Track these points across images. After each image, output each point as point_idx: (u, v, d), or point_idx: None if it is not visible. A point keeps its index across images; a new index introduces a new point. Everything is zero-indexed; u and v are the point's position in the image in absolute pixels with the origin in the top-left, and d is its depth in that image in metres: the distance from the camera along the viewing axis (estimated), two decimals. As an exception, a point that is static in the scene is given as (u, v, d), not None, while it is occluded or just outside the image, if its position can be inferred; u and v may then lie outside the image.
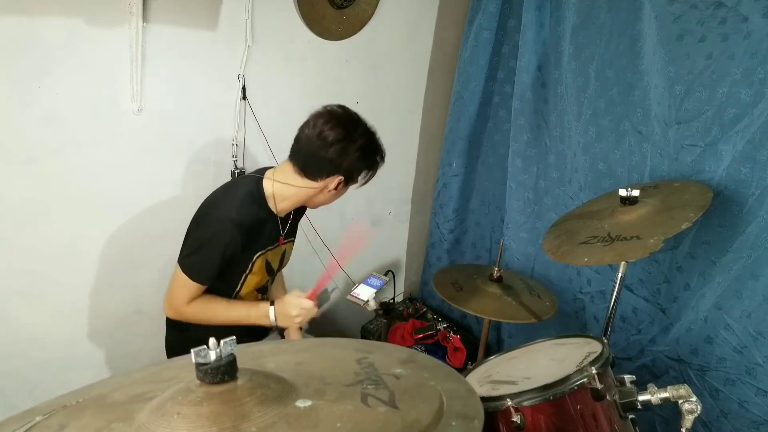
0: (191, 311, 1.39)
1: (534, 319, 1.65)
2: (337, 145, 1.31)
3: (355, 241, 1.77)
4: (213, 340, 0.61)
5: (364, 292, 1.75)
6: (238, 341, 0.64)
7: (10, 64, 1.41)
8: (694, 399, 0.98)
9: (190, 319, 1.41)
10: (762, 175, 1.40)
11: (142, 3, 1.52)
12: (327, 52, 2.04)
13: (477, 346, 2.04)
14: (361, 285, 1.86)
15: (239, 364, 0.63)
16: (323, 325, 2.19)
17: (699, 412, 0.98)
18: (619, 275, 1.34)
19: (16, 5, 1.38)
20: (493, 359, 1.33)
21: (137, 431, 0.57)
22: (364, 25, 2.09)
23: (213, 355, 0.60)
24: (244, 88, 1.84)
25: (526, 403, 1.00)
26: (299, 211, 1.57)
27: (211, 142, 1.84)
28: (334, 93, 2.13)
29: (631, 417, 1.06)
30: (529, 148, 2.14)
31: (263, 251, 1.45)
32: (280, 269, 1.62)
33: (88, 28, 1.49)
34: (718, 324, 1.51)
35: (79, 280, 1.71)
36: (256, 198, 1.38)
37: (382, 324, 2.32)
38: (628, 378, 1.10)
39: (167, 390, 0.62)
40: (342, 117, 1.35)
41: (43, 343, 1.69)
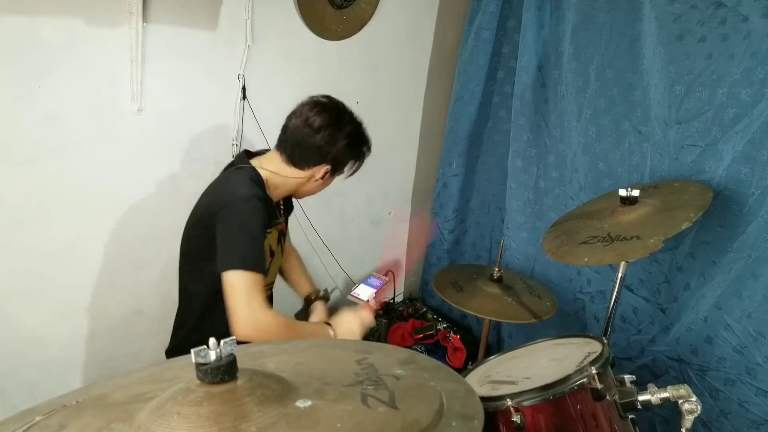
0: (273, 319, 1.20)
1: (534, 319, 1.65)
2: (325, 131, 1.31)
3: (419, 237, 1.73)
4: (213, 340, 0.61)
5: (364, 292, 1.75)
6: (237, 342, 0.64)
7: (10, 64, 1.41)
8: (694, 399, 0.98)
9: (272, 332, 1.19)
10: (762, 175, 1.40)
11: (142, 3, 1.52)
12: (327, 52, 2.04)
13: (477, 346, 2.04)
14: (361, 285, 1.85)
15: (239, 364, 0.63)
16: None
17: (699, 412, 0.98)
18: (619, 275, 1.33)
19: (16, 5, 1.38)
20: (493, 359, 1.33)
21: (137, 431, 0.57)
22: (364, 25, 2.09)
23: (213, 355, 0.60)
24: (244, 88, 1.84)
25: (526, 403, 1.00)
26: (287, 204, 1.55)
27: (211, 142, 1.84)
28: (334, 93, 2.10)
29: (631, 417, 1.06)
30: (529, 148, 2.14)
31: (269, 232, 1.41)
32: (280, 251, 1.55)
33: (88, 28, 1.49)
34: (718, 324, 1.51)
35: (79, 280, 1.72)
36: (257, 181, 1.34)
37: (382, 324, 2.32)
38: (628, 378, 1.10)
39: (167, 390, 0.62)
40: (328, 105, 1.34)
41: (43, 343, 1.69)
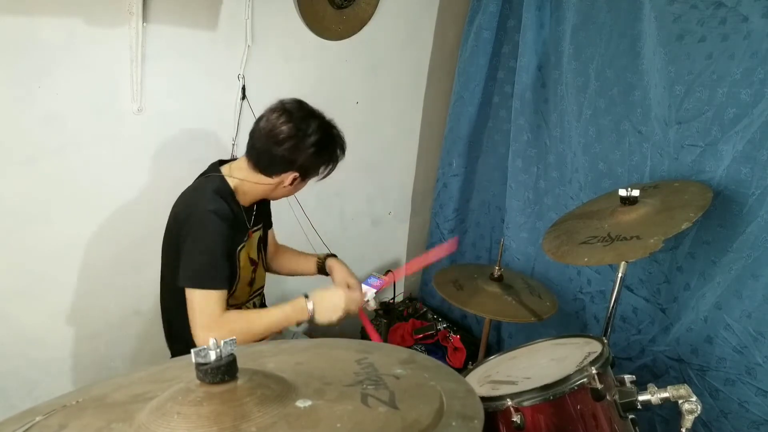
0: (226, 327, 1.25)
1: (534, 318, 1.65)
2: (289, 142, 1.28)
3: (439, 251, 1.74)
4: (213, 340, 0.61)
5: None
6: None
7: (10, 64, 1.41)
8: (694, 399, 0.98)
9: (229, 334, 1.28)
10: (762, 175, 1.40)
11: (142, 3, 1.52)
12: (327, 52, 2.04)
13: (477, 346, 2.04)
14: (361, 285, 1.85)
15: (239, 364, 0.63)
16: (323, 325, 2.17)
17: (699, 412, 0.98)
18: (620, 275, 1.33)
19: (16, 5, 1.38)
20: (493, 359, 1.33)
21: (137, 431, 0.57)
22: (364, 25, 2.09)
23: (213, 355, 0.60)
24: (244, 88, 1.84)
25: (526, 403, 1.00)
26: (262, 208, 1.53)
27: (211, 142, 1.84)
28: (334, 93, 2.13)
29: (631, 417, 1.06)
30: (529, 148, 2.14)
31: (242, 244, 1.42)
32: (261, 256, 1.56)
33: (88, 28, 1.49)
34: (719, 324, 1.51)
35: (79, 280, 1.71)
36: (223, 192, 1.33)
37: (382, 324, 2.32)
38: (628, 378, 1.10)
39: (167, 390, 0.62)
40: (295, 112, 1.30)
41: (43, 343, 1.69)
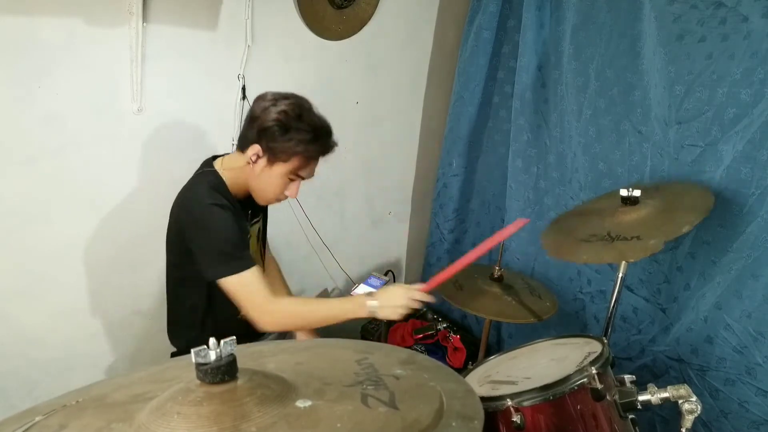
0: (285, 307, 1.33)
1: (534, 318, 1.65)
2: (261, 104, 1.31)
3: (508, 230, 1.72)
4: (213, 340, 0.61)
5: (364, 292, 1.75)
6: (238, 341, 0.64)
7: (10, 64, 1.41)
8: (694, 399, 0.98)
9: (286, 319, 1.34)
10: (762, 175, 1.40)
11: (142, 3, 1.52)
12: (327, 52, 2.04)
13: (477, 346, 2.04)
14: (361, 285, 1.86)
15: (239, 364, 0.63)
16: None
17: (699, 412, 0.98)
18: (620, 275, 1.33)
19: (16, 5, 1.38)
20: (493, 359, 1.33)
21: (137, 431, 0.57)
22: (364, 25, 2.09)
23: (213, 355, 0.60)
24: (244, 88, 1.84)
25: (526, 403, 1.00)
26: (257, 209, 1.53)
27: (211, 142, 1.84)
28: (334, 93, 2.13)
29: (631, 417, 1.06)
30: (529, 148, 2.14)
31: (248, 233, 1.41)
32: (261, 250, 1.57)
33: (88, 28, 1.49)
34: (719, 324, 1.51)
35: (79, 280, 1.72)
36: (217, 186, 1.34)
37: (382, 324, 2.32)
38: (628, 378, 1.10)
39: (167, 390, 0.62)
40: (276, 95, 1.32)
41: (43, 343, 1.69)
